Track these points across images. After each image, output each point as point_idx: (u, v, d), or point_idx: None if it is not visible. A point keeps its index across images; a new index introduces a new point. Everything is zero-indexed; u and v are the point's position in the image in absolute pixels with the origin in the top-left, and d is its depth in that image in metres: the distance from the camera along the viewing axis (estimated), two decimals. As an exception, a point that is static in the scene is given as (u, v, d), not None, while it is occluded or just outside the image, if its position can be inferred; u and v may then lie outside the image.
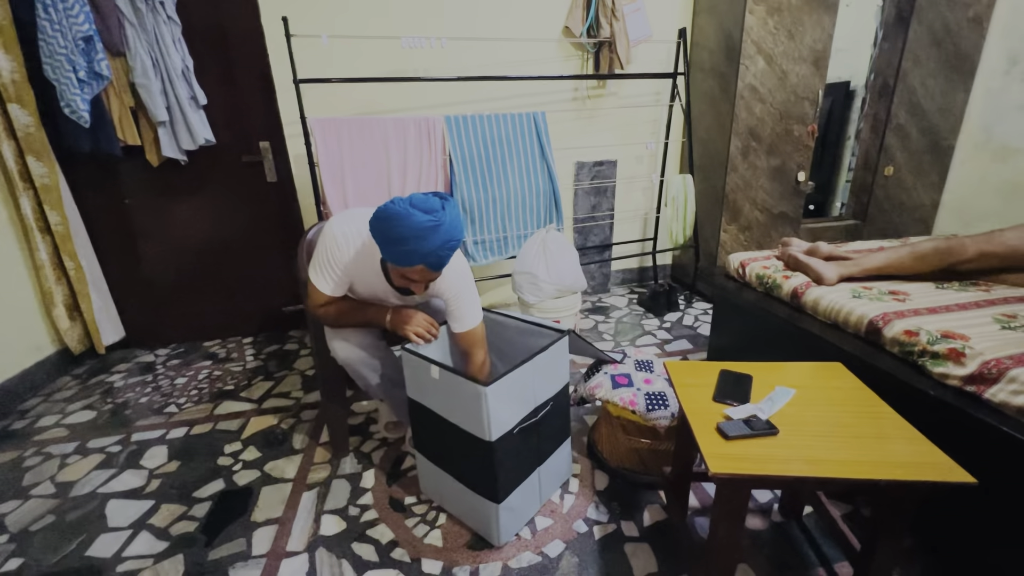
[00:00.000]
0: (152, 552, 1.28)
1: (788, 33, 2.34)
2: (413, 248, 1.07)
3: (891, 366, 1.20)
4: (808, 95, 2.47)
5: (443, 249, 1.10)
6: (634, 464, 1.43)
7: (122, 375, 2.26)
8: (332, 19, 2.21)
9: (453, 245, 1.12)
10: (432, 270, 1.15)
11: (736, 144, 2.47)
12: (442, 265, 1.14)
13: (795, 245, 1.74)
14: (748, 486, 0.92)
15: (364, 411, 1.88)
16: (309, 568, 1.21)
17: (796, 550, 1.20)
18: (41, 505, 1.47)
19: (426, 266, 1.12)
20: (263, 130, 2.33)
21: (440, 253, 1.10)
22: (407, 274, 1.17)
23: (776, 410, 1.00)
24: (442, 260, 1.12)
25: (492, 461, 1.13)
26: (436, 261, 1.11)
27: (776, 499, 1.36)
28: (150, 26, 1.99)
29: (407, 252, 1.09)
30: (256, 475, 1.55)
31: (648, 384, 1.40)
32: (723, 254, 2.65)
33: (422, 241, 1.07)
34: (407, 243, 1.07)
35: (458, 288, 1.30)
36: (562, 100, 2.64)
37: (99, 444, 1.75)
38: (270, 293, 2.56)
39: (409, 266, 1.12)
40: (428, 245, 1.07)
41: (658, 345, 2.31)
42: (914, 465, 0.83)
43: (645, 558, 1.20)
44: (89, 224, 2.28)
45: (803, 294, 1.50)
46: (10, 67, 1.93)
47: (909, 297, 1.37)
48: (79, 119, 1.95)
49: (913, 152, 2.78)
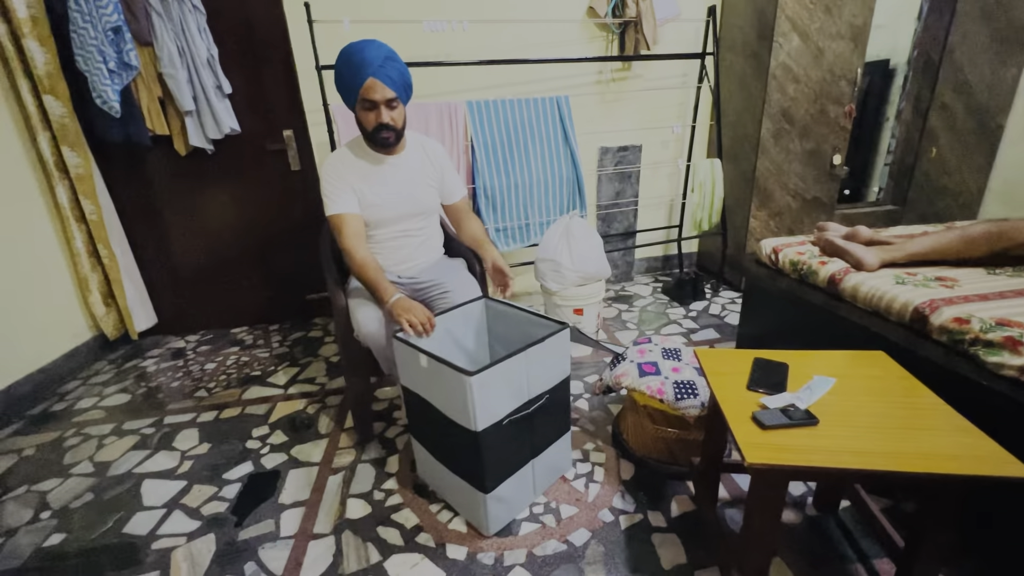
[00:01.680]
0: (185, 531, 1.32)
1: (825, 8, 2.22)
2: (357, 64, 1.29)
3: (938, 355, 1.13)
4: (846, 74, 2.35)
5: (384, 60, 1.30)
6: (661, 453, 1.40)
7: (155, 360, 2.33)
8: (354, 3, 2.20)
9: (391, 56, 1.33)
10: (384, 83, 1.31)
11: (767, 126, 2.38)
12: (391, 78, 1.32)
13: (832, 230, 1.67)
14: (786, 477, 0.88)
15: (388, 397, 1.89)
16: (336, 550, 1.23)
17: (833, 545, 1.16)
18: (81, 483, 1.52)
19: (375, 78, 1.30)
20: (286, 118, 2.34)
21: (381, 63, 1.30)
22: (366, 95, 1.33)
23: (815, 400, 0.95)
24: (387, 70, 1.31)
25: (479, 451, 1.12)
26: (381, 70, 1.30)
27: (810, 492, 1.31)
28: (176, 15, 2.01)
29: (355, 71, 1.30)
30: (283, 458, 1.58)
31: (676, 372, 1.36)
32: (752, 241, 2.56)
33: (361, 54, 1.29)
34: (351, 64, 1.30)
35: (448, 162, 1.60)
36: (586, 83, 2.58)
37: (134, 426, 1.81)
38: (294, 280, 2.59)
39: (362, 86, 1.31)
40: (368, 56, 1.29)
41: (684, 334, 2.26)
42: (968, 458, 0.78)
43: (673, 549, 1.18)
44: (121, 212, 2.34)
45: (841, 280, 1.43)
46: (44, 59, 1.97)
47: (958, 283, 1.29)
48: (110, 109, 1.98)
49: (959, 133, 2.64)
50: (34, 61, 1.95)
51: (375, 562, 1.18)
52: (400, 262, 1.58)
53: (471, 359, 1.48)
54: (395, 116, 1.39)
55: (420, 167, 1.55)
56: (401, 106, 1.40)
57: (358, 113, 1.40)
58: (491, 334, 1.51)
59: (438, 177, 1.58)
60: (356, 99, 1.36)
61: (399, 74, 1.35)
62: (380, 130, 1.39)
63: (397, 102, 1.38)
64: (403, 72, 1.37)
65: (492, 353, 1.52)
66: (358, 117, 1.41)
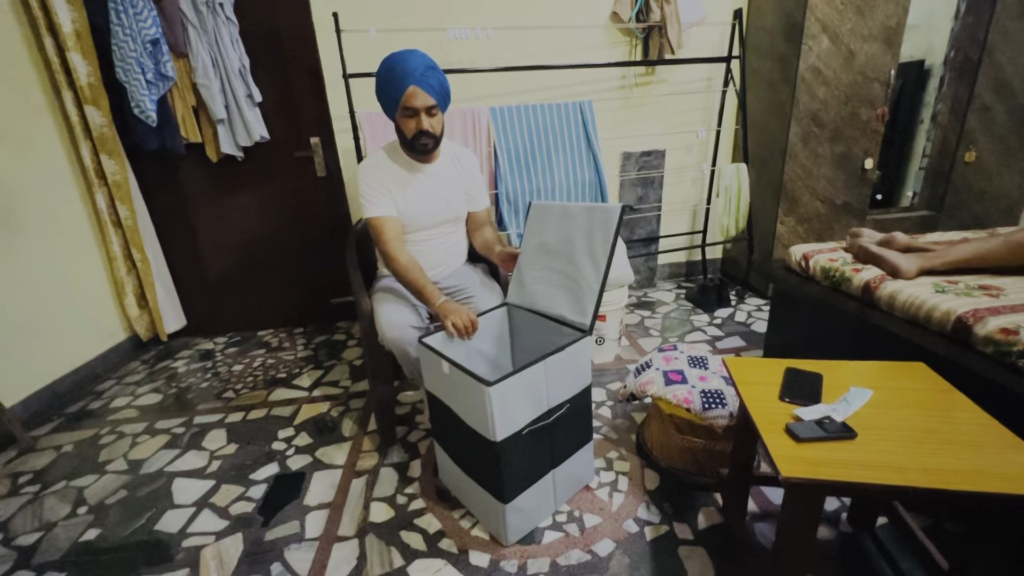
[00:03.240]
0: (214, 530, 1.34)
1: (857, 9, 2.17)
2: (400, 73, 1.33)
3: (983, 367, 1.08)
4: (878, 76, 2.29)
5: (425, 69, 1.33)
6: (687, 464, 1.37)
7: (185, 361, 2.39)
8: (380, 13, 2.23)
9: (432, 66, 1.36)
10: (425, 91, 1.34)
11: (796, 130, 2.33)
12: (432, 87, 1.34)
13: (866, 236, 1.62)
14: (823, 493, 0.85)
15: (410, 401, 1.90)
16: (359, 553, 1.23)
17: (869, 563, 1.12)
18: (115, 480, 1.57)
19: (416, 86, 1.33)
20: (314, 125, 2.39)
21: (423, 72, 1.33)
22: (408, 104, 1.35)
23: (852, 412, 0.92)
24: (428, 79, 1.34)
25: (498, 461, 1.11)
26: (423, 79, 1.33)
27: (844, 507, 1.26)
28: (210, 27, 2.08)
29: (398, 80, 1.33)
30: (308, 460, 1.60)
31: (703, 381, 1.33)
32: (779, 247, 2.50)
33: (404, 64, 1.33)
34: (393, 73, 1.34)
35: (478, 172, 1.63)
36: (609, 88, 2.57)
37: (165, 425, 1.86)
38: (320, 285, 2.64)
39: (403, 94, 1.34)
40: (409, 66, 1.32)
41: (708, 342, 2.21)
42: (1019, 478, 0.74)
43: (701, 562, 1.15)
44: (155, 217, 2.42)
45: (877, 288, 1.39)
46: (87, 71, 2.06)
47: (1004, 292, 1.23)
48: (147, 119, 2.06)
49: (999, 135, 2.53)
50: (77, 73, 2.03)
51: (398, 566, 1.19)
52: (429, 265, 1.59)
53: (493, 366, 1.48)
54: (434, 123, 1.41)
55: (453, 176, 1.58)
56: (440, 114, 1.43)
57: (398, 120, 1.43)
58: (514, 341, 1.51)
59: (468, 185, 1.61)
60: (397, 107, 1.38)
61: (439, 83, 1.39)
62: (420, 136, 1.41)
63: (436, 110, 1.40)
64: (443, 81, 1.40)
65: (514, 360, 1.52)
66: (398, 124, 1.44)
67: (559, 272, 1.33)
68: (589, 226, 1.27)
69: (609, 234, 1.21)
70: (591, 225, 1.26)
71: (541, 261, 1.39)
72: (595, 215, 1.26)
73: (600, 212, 1.25)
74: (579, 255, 1.28)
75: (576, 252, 1.28)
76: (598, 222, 1.25)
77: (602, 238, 1.23)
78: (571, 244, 1.30)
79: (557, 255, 1.34)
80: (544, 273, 1.37)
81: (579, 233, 1.29)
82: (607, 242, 1.21)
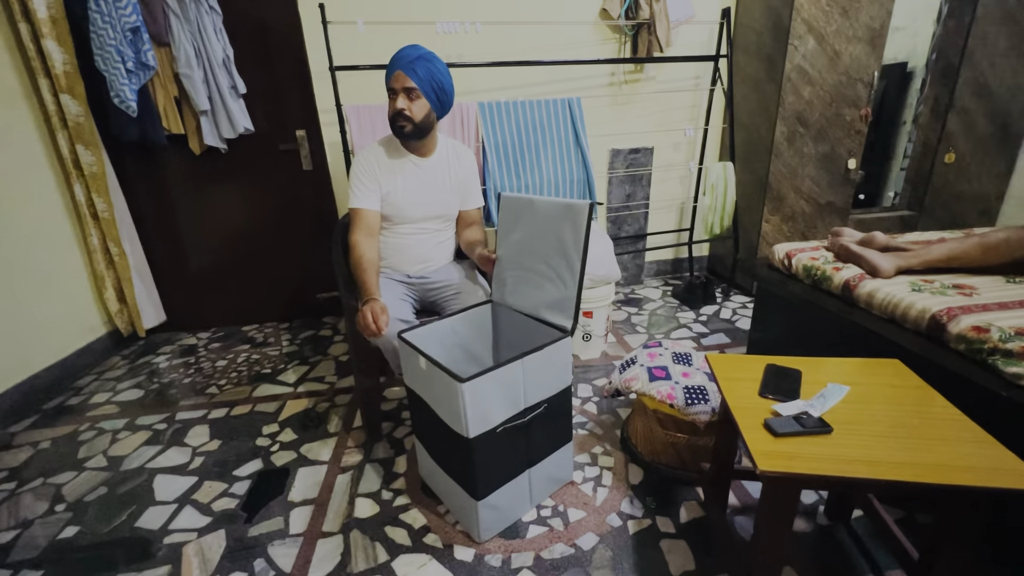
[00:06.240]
0: (196, 526, 1.33)
1: (842, 10, 2.20)
2: (393, 60, 1.42)
3: (956, 364, 1.11)
4: (862, 77, 2.32)
5: (416, 58, 1.40)
6: (670, 459, 1.39)
7: (167, 356, 2.36)
8: (368, 5, 2.21)
9: (425, 57, 1.41)
10: (407, 75, 1.39)
11: (781, 129, 2.36)
12: (416, 73, 1.40)
13: (847, 235, 1.65)
14: (798, 486, 0.87)
15: (396, 397, 1.90)
16: (344, 548, 1.23)
17: (845, 555, 1.15)
18: (95, 477, 1.54)
19: (401, 71, 1.39)
20: (299, 118, 2.36)
21: (412, 60, 1.40)
22: (390, 84, 1.43)
23: (828, 408, 0.94)
24: (415, 66, 1.39)
25: (471, 458, 1.11)
26: (410, 66, 1.39)
27: (822, 501, 1.29)
28: (193, 16, 2.03)
29: (391, 67, 1.42)
30: (293, 456, 1.59)
31: (687, 377, 1.35)
32: (764, 245, 2.54)
33: (399, 53, 1.42)
34: (390, 62, 1.43)
35: (474, 171, 1.65)
36: (598, 85, 2.57)
37: (146, 421, 1.83)
38: (305, 280, 2.61)
39: (391, 77, 1.42)
40: (402, 54, 1.42)
41: (694, 339, 2.24)
42: (986, 470, 0.77)
43: (682, 555, 1.17)
44: (135, 210, 2.37)
45: (856, 286, 1.41)
46: (62, 59, 2.01)
47: (976, 291, 1.27)
48: (127, 109, 2.01)
49: (978, 138, 2.59)
50: (52, 61, 1.98)
51: (383, 561, 1.19)
52: (415, 260, 1.59)
53: (476, 363, 1.48)
54: (412, 107, 1.42)
55: (447, 171, 1.58)
56: (422, 99, 1.43)
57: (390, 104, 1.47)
58: (498, 338, 1.51)
59: (462, 182, 1.61)
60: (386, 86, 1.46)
61: (427, 72, 1.41)
62: (397, 118, 1.43)
63: (417, 94, 1.41)
64: (433, 73, 1.42)
65: (496, 357, 1.52)
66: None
67: (537, 273, 1.32)
68: (559, 224, 1.26)
69: (580, 234, 1.20)
70: (560, 223, 1.25)
71: (519, 261, 1.38)
72: (563, 212, 1.25)
73: (567, 209, 1.23)
74: (553, 255, 1.27)
75: (550, 252, 1.28)
76: (567, 220, 1.23)
77: (573, 238, 1.22)
78: (544, 243, 1.29)
79: (533, 255, 1.33)
80: (523, 274, 1.37)
81: (550, 231, 1.28)
82: (579, 242, 1.21)
